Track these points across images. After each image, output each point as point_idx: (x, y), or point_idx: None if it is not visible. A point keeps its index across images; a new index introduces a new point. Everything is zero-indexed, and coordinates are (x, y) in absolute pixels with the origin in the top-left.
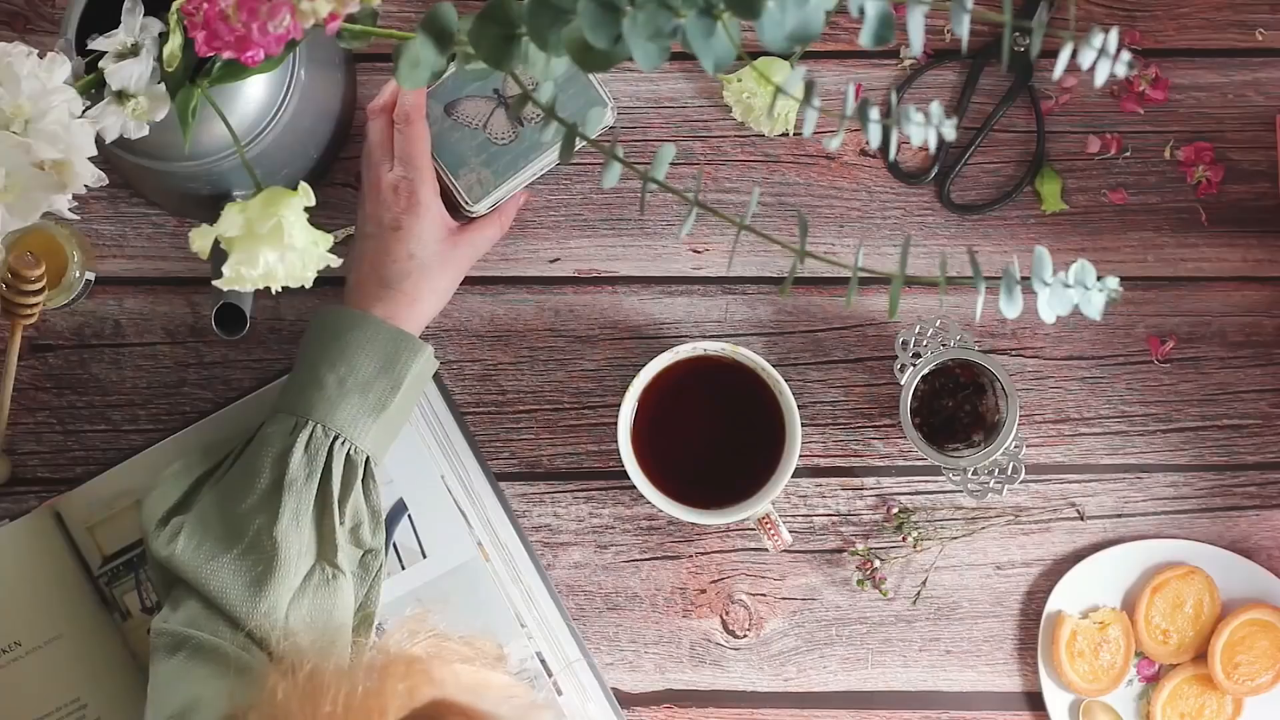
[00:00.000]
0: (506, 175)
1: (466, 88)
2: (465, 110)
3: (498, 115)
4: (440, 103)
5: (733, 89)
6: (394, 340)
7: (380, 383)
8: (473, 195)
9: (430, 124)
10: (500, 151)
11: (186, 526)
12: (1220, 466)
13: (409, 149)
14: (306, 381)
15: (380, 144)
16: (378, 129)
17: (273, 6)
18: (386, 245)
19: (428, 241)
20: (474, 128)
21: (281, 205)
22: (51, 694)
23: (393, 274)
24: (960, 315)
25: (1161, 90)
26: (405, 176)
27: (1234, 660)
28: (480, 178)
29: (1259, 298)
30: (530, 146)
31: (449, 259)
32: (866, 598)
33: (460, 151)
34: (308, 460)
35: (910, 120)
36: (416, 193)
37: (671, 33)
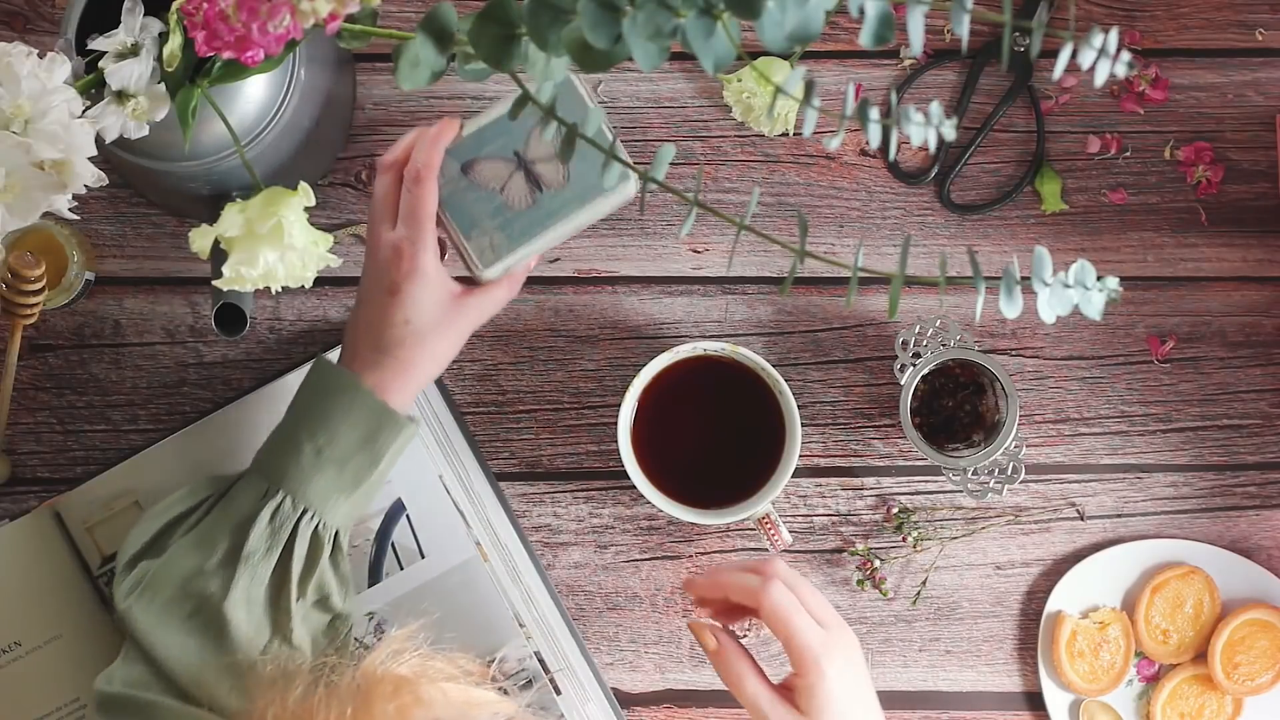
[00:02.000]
0: (520, 242)
1: (486, 147)
2: (483, 171)
3: (516, 179)
4: (458, 161)
5: (733, 89)
6: (377, 415)
7: (358, 458)
8: (484, 259)
9: (446, 182)
10: (516, 217)
11: (146, 584)
12: (1220, 466)
13: (414, 209)
14: (286, 444)
15: (385, 200)
16: (385, 185)
17: (273, 6)
18: (383, 309)
19: (426, 308)
20: (491, 190)
21: (281, 205)
22: (51, 694)
23: (387, 339)
24: (960, 315)
25: (1161, 90)
26: (407, 238)
27: (1234, 660)
28: (493, 241)
29: (1259, 298)
30: (547, 214)
31: (449, 325)
32: (866, 598)
33: (474, 213)
34: (270, 533)
35: (910, 120)
36: (417, 256)
37: (671, 33)
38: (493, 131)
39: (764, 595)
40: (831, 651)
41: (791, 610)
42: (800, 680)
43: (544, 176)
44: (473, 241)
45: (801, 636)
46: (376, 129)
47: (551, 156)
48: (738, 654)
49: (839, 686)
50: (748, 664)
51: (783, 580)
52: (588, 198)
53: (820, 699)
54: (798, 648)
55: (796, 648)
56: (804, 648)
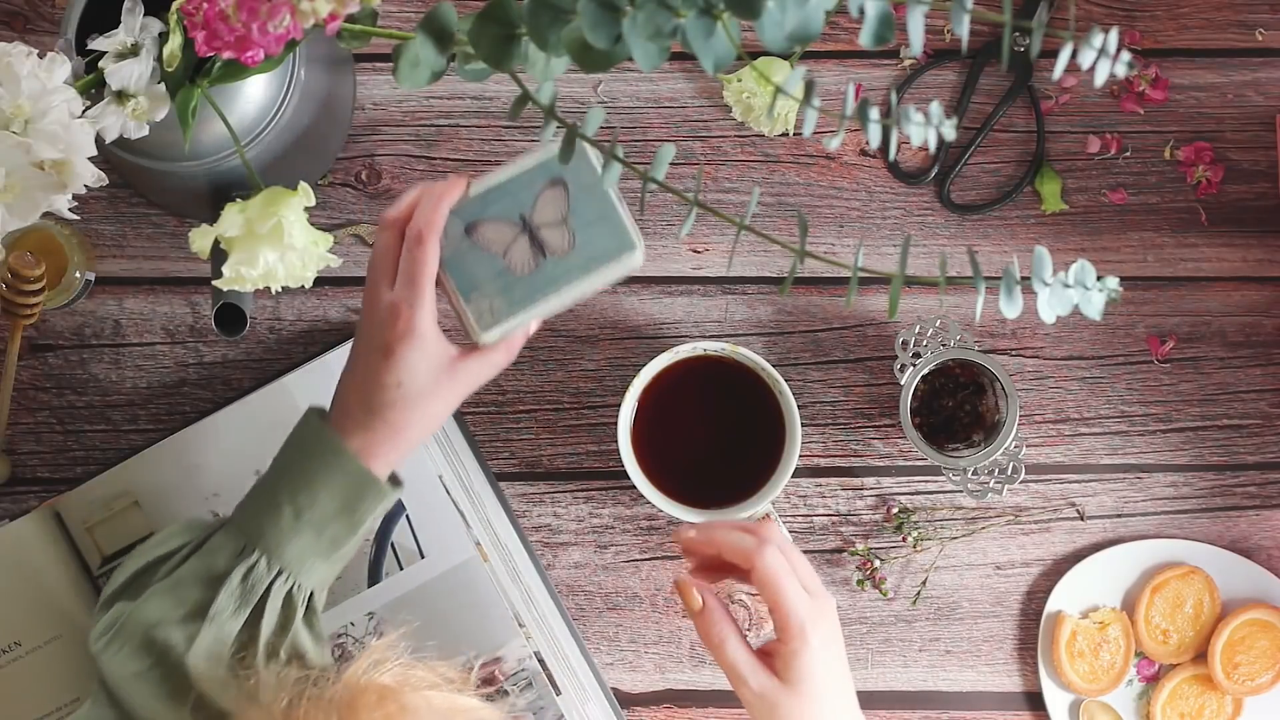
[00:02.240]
0: (520, 308)
1: (492, 209)
2: (487, 233)
3: (520, 244)
4: (462, 221)
5: (733, 89)
6: (359, 482)
7: (337, 524)
8: (482, 323)
9: (448, 242)
10: (517, 282)
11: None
12: (1220, 466)
13: (413, 270)
14: (266, 502)
15: (384, 258)
16: (385, 242)
17: (273, 6)
18: (375, 369)
19: (419, 371)
20: (493, 253)
21: (281, 205)
22: (51, 694)
23: (378, 401)
24: (960, 315)
25: (1161, 90)
26: (405, 299)
27: (1234, 660)
28: (493, 305)
29: (1259, 298)
30: (549, 281)
31: (442, 390)
32: (866, 598)
33: (475, 275)
34: (241, 593)
35: (910, 120)
36: (413, 318)
37: (671, 33)
38: (499, 193)
39: (758, 557)
40: (817, 620)
41: (783, 575)
42: (783, 646)
43: (549, 242)
44: (472, 304)
45: (791, 603)
46: (376, 129)
47: (558, 223)
48: (723, 616)
49: (821, 656)
50: (731, 627)
51: (777, 545)
52: (591, 266)
53: (802, 667)
54: (785, 614)
55: (784, 613)
56: (791, 614)
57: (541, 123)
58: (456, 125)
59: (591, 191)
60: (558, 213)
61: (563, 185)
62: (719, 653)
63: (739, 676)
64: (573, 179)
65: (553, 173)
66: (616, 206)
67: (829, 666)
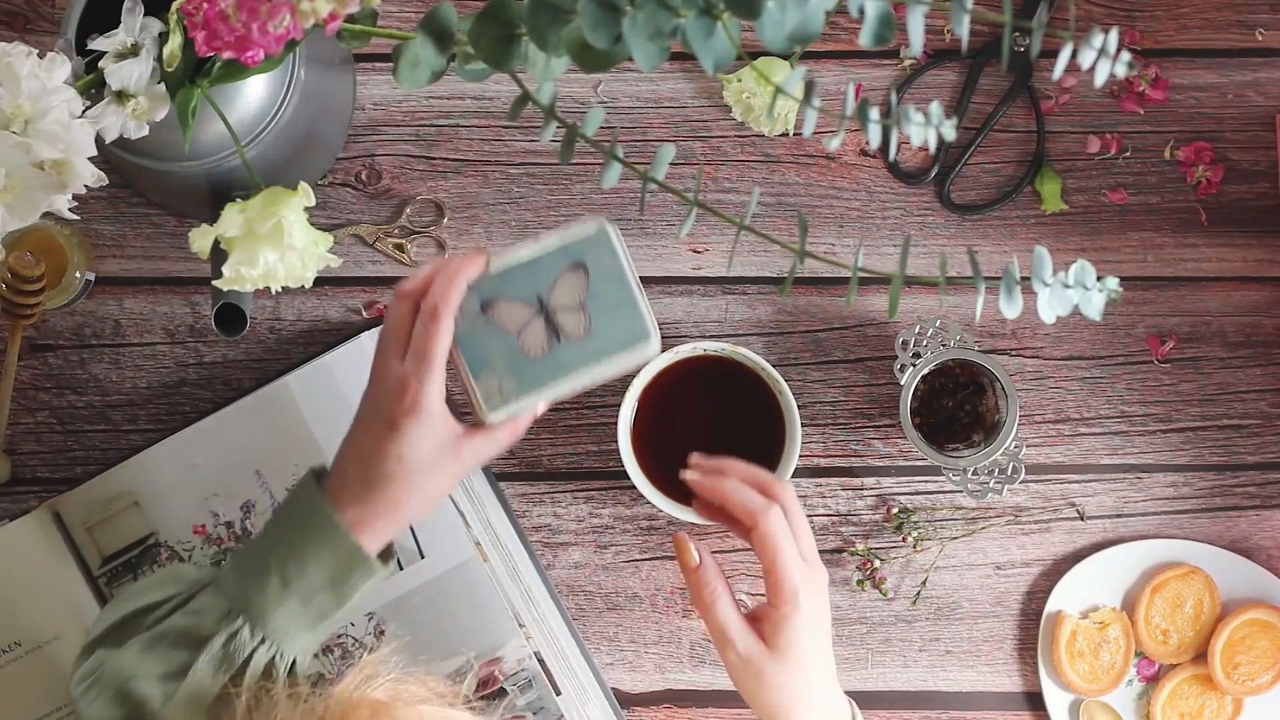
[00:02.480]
0: (530, 390)
1: (509, 288)
2: (502, 312)
3: (535, 325)
4: (479, 297)
5: (733, 89)
6: (350, 558)
7: (324, 596)
8: (490, 402)
9: (463, 317)
10: (529, 364)
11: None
12: (1220, 466)
13: (425, 345)
14: (255, 567)
15: (397, 330)
16: (399, 313)
17: (273, 6)
18: (378, 441)
19: (422, 448)
20: (508, 332)
21: (281, 205)
22: (51, 694)
23: (378, 474)
24: (960, 315)
25: (1161, 90)
26: (414, 373)
27: (1234, 660)
28: (502, 385)
29: (1259, 298)
30: (561, 365)
31: (444, 467)
32: (866, 598)
33: (487, 353)
34: (222, 657)
35: (910, 120)
36: (420, 393)
37: (671, 33)
38: (519, 273)
39: (763, 518)
40: (810, 589)
41: (783, 539)
42: (774, 611)
43: (564, 326)
44: (481, 382)
45: (787, 567)
46: (376, 129)
47: (575, 307)
48: (717, 575)
49: (809, 625)
50: (724, 587)
51: (786, 508)
52: (605, 354)
53: (790, 633)
54: (780, 578)
55: (778, 578)
56: (786, 579)
57: (541, 123)
58: (456, 125)
59: (611, 278)
60: (576, 297)
61: (583, 269)
62: (709, 612)
63: (726, 638)
64: (594, 264)
65: (574, 256)
66: (635, 295)
67: (816, 637)
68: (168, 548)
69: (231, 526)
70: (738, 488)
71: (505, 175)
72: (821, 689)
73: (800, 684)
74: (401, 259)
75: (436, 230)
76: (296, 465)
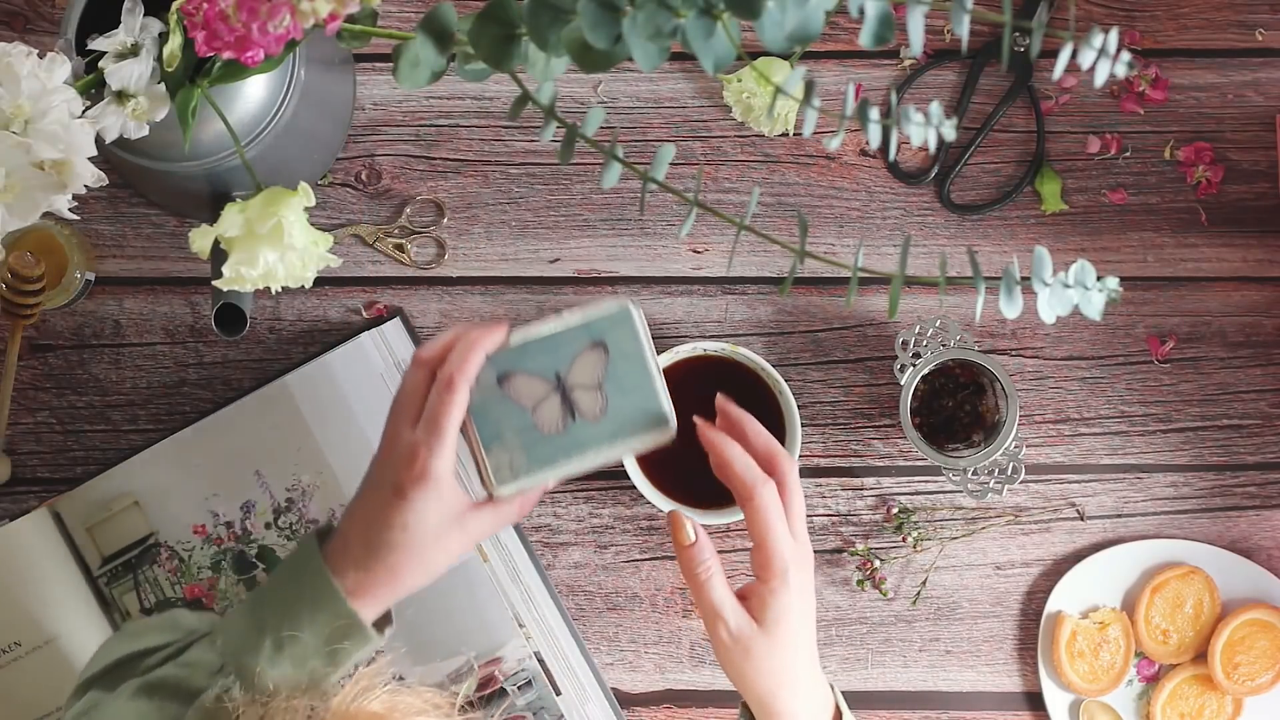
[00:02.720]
0: (541, 467)
1: (528, 362)
2: (519, 386)
3: (551, 402)
4: (496, 369)
5: (733, 89)
6: (345, 626)
7: (317, 660)
8: (499, 476)
9: (479, 388)
10: (542, 440)
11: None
12: (1220, 466)
13: (439, 414)
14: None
15: (411, 397)
16: (415, 380)
17: (273, 6)
18: (383, 508)
19: (428, 519)
20: (523, 407)
21: (281, 205)
22: (51, 694)
23: (381, 541)
24: (960, 315)
25: (1161, 90)
26: (425, 442)
27: (1234, 660)
28: (513, 460)
29: (1259, 298)
30: (575, 444)
31: (448, 539)
32: (866, 598)
33: (501, 426)
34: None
35: (910, 120)
36: (430, 463)
37: (671, 33)
38: (538, 347)
39: (759, 492)
40: (797, 564)
41: (776, 515)
42: (762, 585)
43: (580, 404)
44: (493, 456)
45: (778, 541)
46: (376, 129)
47: (593, 386)
48: (712, 553)
49: (797, 600)
50: (718, 564)
51: (786, 483)
52: (619, 436)
53: (778, 608)
54: (770, 552)
55: (768, 552)
56: (776, 553)
57: (541, 123)
58: (456, 125)
59: (631, 360)
60: (594, 376)
61: (603, 349)
62: (703, 589)
63: (719, 615)
64: (614, 344)
65: (595, 335)
66: (654, 379)
67: (802, 614)
68: (168, 548)
69: (231, 526)
70: (741, 456)
71: (505, 175)
72: (806, 667)
73: (789, 660)
74: (401, 259)
75: (436, 230)
76: (296, 465)
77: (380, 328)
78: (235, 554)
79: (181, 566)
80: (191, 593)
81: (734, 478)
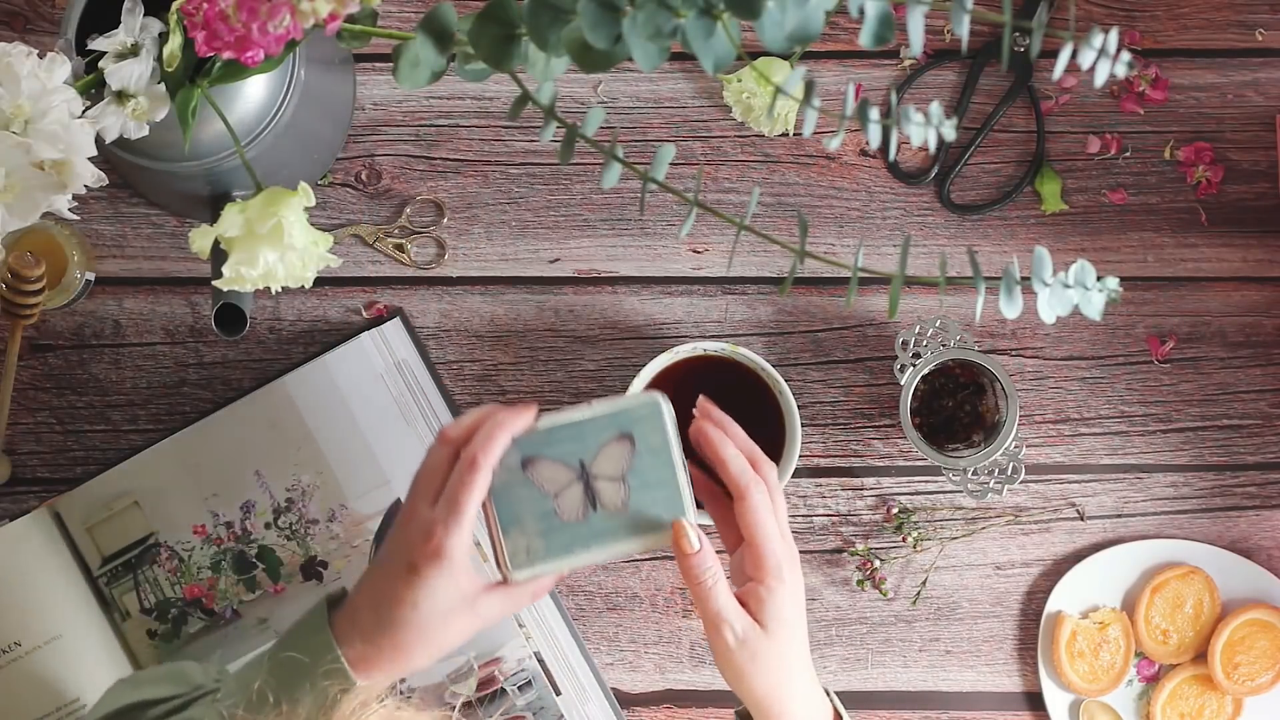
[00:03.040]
0: (558, 555)
1: (553, 448)
2: (543, 471)
3: (573, 490)
4: (521, 452)
5: (733, 89)
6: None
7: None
8: (515, 561)
9: (502, 471)
10: (561, 527)
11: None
12: (1220, 466)
13: (460, 494)
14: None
15: (433, 474)
16: (438, 459)
17: (273, 6)
18: (395, 584)
19: (439, 598)
20: (545, 493)
21: (281, 205)
22: (51, 694)
23: (391, 617)
24: (960, 315)
25: (1161, 90)
26: (442, 521)
27: (1234, 660)
28: (530, 546)
29: (1259, 298)
30: (594, 534)
31: (457, 621)
32: (866, 598)
33: (520, 511)
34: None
35: (910, 120)
36: (446, 542)
37: (671, 33)
38: (565, 434)
39: (751, 491)
40: (789, 562)
41: (768, 514)
42: (759, 585)
43: (602, 495)
44: (510, 539)
45: (773, 541)
46: (376, 129)
47: (616, 478)
48: (716, 560)
49: (791, 597)
50: (721, 572)
51: (770, 487)
52: (639, 531)
53: (777, 606)
54: (766, 551)
55: (764, 551)
56: (772, 552)
57: (541, 123)
58: (456, 125)
59: (657, 455)
60: (618, 468)
61: (630, 441)
62: (708, 597)
63: (725, 621)
64: (641, 438)
65: (623, 426)
66: (679, 476)
67: (798, 612)
68: (167, 548)
69: (231, 526)
70: (735, 455)
71: (505, 175)
72: (804, 665)
73: (791, 658)
74: (401, 259)
75: (436, 230)
76: (296, 465)
77: (380, 328)
78: (235, 554)
79: (181, 566)
80: (191, 593)
81: (729, 475)
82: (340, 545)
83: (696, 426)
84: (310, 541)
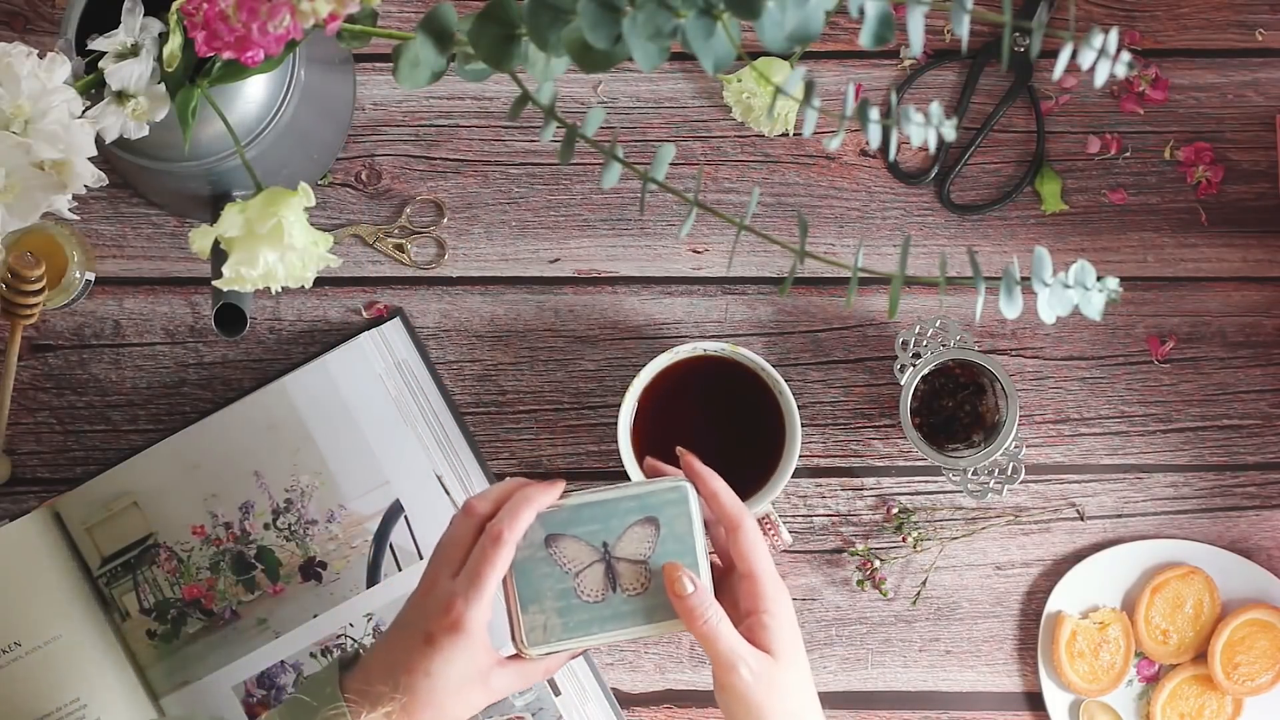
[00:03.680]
0: (576, 634)
1: (578, 527)
2: (565, 549)
3: (595, 570)
4: (545, 529)
5: (733, 89)
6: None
7: None
8: (532, 638)
9: (524, 546)
10: (580, 607)
11: None
12: (1220, 466)
13: (482, 568)
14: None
15: (456, 546)
16: (463, 530)
17: (273, 6)
18: (411, 652)
19: (453, 670)
20: (566, 571)
21: (281, 205)
22: (51, 694)
23: (405, 684)
24: (960, 315)
25: (1161, 90)
26: (463, 594)
27: (1234, 660)
28: (548, 623)
29: (1259, 298)
30: (612, 616)
31: (470, 693)
32: (866, 598)
33: (540, 587)
34: None
35: (910, 120)
36: (465, 614)
37: (671, 33)
38: (591, 513)
39: (746, 521)
40: (784, 589)
41: (761, 543)
42: (762, 615)
43: (623, 577)
44: (529, 615)
45: (771, 571)
46: (376, 129)
47: (639, 561)
48: (713, 600)
49: (790, 623)
50: (722, 611)
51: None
52: (657, 616)
53: (782, 632)
54: (765, 580)
55: (763, 581)
56: (771, 581)
57: (541, 123)
58: (456, 125)
59: (681, 541)
60: (642, 551)
61: (655, 525)
62: (715, 636)
63: (736, 659)
64: (666, 523)
65: (649, 510)
66: (701, 564)
67: (797, 636)
68: (167, 548)
69: (230, 527)
70: (726, 489)
71: (505, 175)
72: (810, 684)
73: (803, 681)
74: (401, 259)
75: (436, 230)
76: (295, 466)
77: (380, 328)
78: (234, 554)
79: (180, 567)
80: (190, 593)
81: (720, 507)
82: (339, 546)
83: (686, 461)
84: (309, 542)
